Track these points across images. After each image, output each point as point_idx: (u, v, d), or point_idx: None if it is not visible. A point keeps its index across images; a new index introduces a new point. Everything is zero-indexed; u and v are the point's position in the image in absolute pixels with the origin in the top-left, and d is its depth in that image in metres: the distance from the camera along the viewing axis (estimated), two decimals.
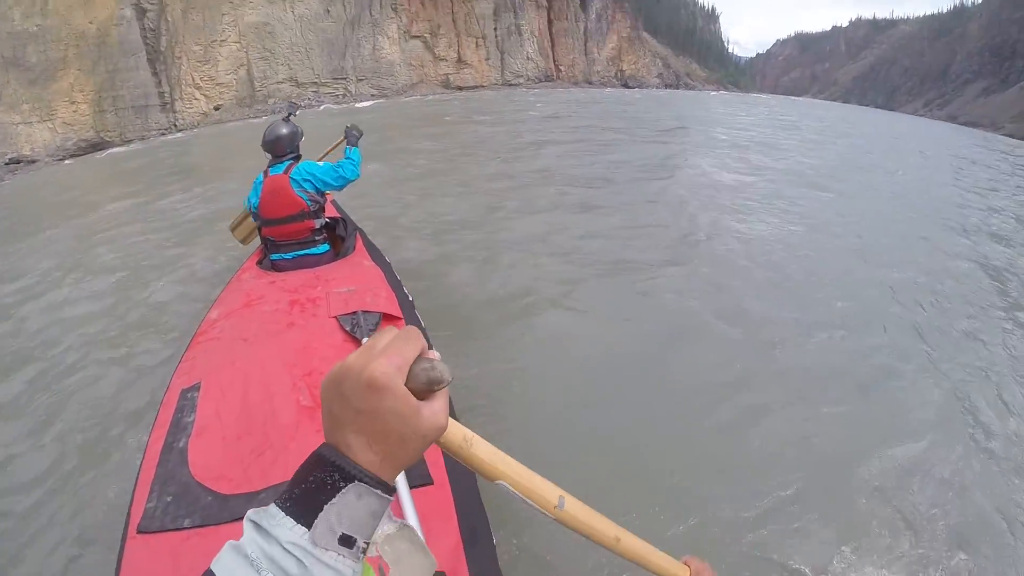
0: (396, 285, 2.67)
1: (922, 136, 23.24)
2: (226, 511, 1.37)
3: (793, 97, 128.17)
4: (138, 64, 25.53)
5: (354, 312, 2.12)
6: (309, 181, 2.98)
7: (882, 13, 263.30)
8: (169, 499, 1.42)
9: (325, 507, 0.39)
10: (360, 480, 0.40)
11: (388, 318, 2.17)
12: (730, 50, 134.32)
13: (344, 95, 33.55)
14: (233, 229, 3.67)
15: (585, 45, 62.54)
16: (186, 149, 17.32)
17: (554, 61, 55.75)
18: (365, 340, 1.66)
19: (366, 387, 0.40)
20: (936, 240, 6.06)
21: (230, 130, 22.63)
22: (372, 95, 34.66)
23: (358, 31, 36.02)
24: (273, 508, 0.40)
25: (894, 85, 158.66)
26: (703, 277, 4.57)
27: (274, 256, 3.12)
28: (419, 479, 1.37)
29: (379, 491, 0.41)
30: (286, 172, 2.97)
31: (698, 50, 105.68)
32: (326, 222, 3.19)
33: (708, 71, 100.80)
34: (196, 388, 1.82)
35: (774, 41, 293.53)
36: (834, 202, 7.51)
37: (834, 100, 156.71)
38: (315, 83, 32.66)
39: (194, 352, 2.14)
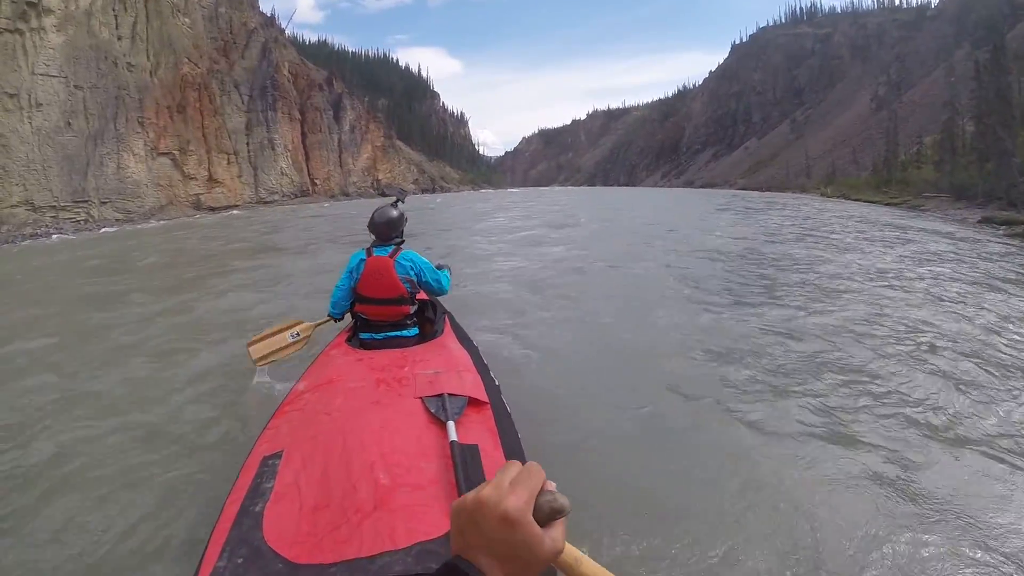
0: (483, 369, 2.86)
1: (676, 198, 39.80)
2: None
3: (540, 188, 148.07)
4: None
5: (440, 394, 2.26)
6: (413, 270, 3.34)
7: (615, 104, 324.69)
8: (240, 560, 1.54)
9: None
10: None
11: (474, 402, 2.30)
12: (480, 151, 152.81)
13: (86, 220, 33.80)
14: (250, 345, 3.76)
15: (340, 157, 69.87)
16: None
17: (309, 174, 61.25)
18: (450, 423, 2.03)
19: (500, 521, 0.52)
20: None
21: None
22: (117, 219, 35.25)
23: (101, 147, 37.16)
24: None
25: (633, 163, 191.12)
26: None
27: (364, 335, 3.40)
28: None
29: None
30: (392, 255, 3.31)
31: (451, 154, 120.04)
32: (417, 306, 3.47)
33: (462, 172, 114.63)
34: (278, 456, 1.99)
35: (520, 139, 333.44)
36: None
37: (580, 185, 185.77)
38: (53, 207, 32.71)
39: (278, 421, 2.38)
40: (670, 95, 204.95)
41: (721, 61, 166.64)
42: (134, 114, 40.56)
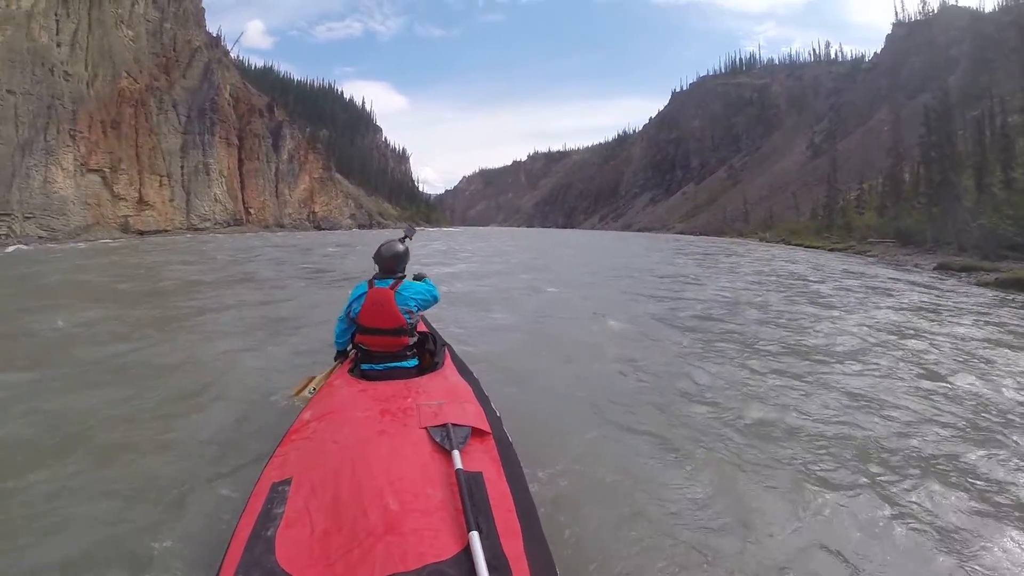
0: (484, 400, 2.99)
1: (624, 242, 39.10)
2: None
3: (478, 227, 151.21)
4: None
5: (444, 424, 2.37)
6: (414, 300, 3.51)
7: (556, 147, 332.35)
8: None
9: None
10: None
11: (477, 432, 2.42)
12: (420, 188, 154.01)
13: (7, 235, 32.81)
14: (296, 394, 4.00)
15: (277, 186, 69.54)
16: None
17: (244, 203, 60.75)
18: (455, 452, 2.14)
19: None
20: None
21: None
22: (40, 236, 34.29)
23: (29, 158, 36.33)
24: None
25: (572, 206, 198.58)
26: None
27: (364, 366, 3.54)
28: None
29: None
30: (392, 287, 3.48)
31: (390, 190, 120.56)
32: (417, 338, 3.66)
33: (400, 209, 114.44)
34: (287, 482, 2.10)
35: (460, 178, 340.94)
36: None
37: (519, 225, 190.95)
38: None
39: (286, 448, 2.49)
40: (611, 139, 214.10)
41: (662, 108, 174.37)
42: (66, 126, 39.83)
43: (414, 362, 3.61)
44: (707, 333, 7.65)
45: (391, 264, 3.60)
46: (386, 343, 3.51)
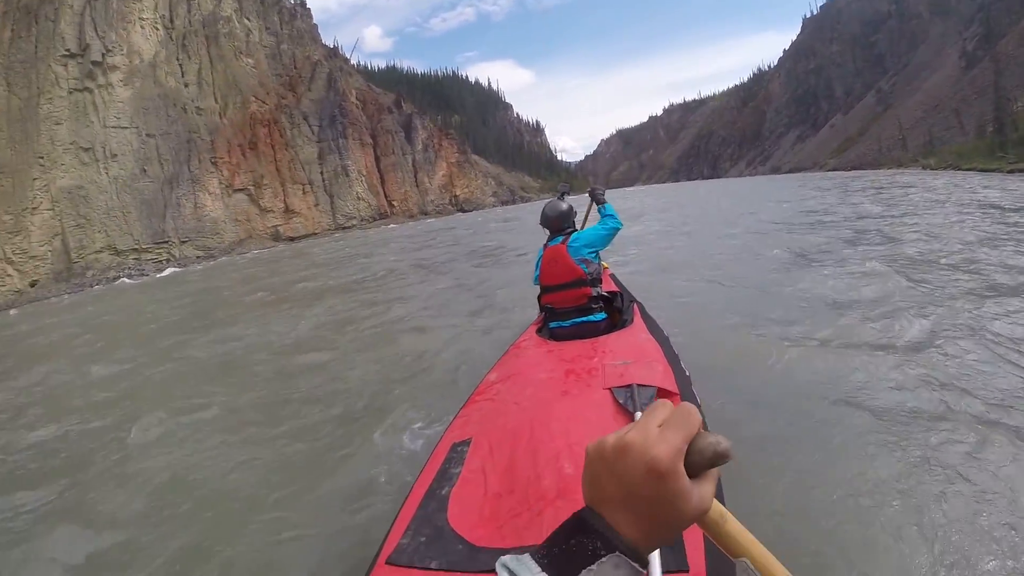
0: (673, 360, 2.91)
1: (787, 188, 34.11)
2: (474, 561, 1.59)
3: (622, 188, 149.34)
4: None
5: (629, 385, 2.33)
6: (587, 247, 3.57)
7: (691, 96, 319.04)
8: (423, 539, 1.70)
9: (583, 572, 0.44)
10: (621, 552, 0.45)
11: (663, 393, 2.36)
12: (560, 157, 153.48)
13: (168, 260, 36.04)
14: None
15: (415, 177, 70.95)
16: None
17: (386, 197, 62.69)
18: (638, 414, 1.96)
19: (645, 471, 0.45)
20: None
21: (53, 309, 21.57)
22: (198, 256, 37.40)
23: (177, 189, 39.67)
24: (529, 560, 0.47)
25: (715, 155, 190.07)
26: None
27: (552, 324, 3.62)
28: (675, 564, 1.45)
29: (636, 565, 0.45)
30: (563, 243, 3.56)
31: (528, 163, 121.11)
32: (603, 293, 3.66)
33: (541, 180, 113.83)
34: (467, 443, 2.18)
35: (598, 142, 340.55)
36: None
37: (663, 182, 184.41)
38: (135, 249, 35.12)
39: (469, 410, 2.59)
40: (746, 80, 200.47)
41: (794, 38, 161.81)
42: (206, 155, 43.18)
43: (601, 315, 3.60)
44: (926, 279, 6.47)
45: (557, 223, 3.74)
46: (568, 297, 3.57)
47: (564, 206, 3.75)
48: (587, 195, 4.22)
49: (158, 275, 31.00)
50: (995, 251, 7.83)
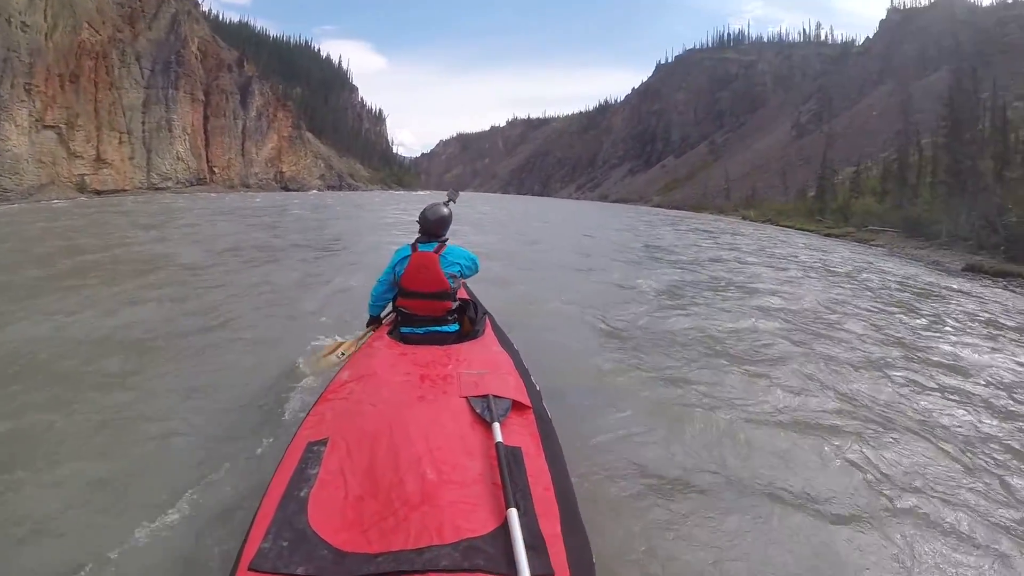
0: (524, 373, 3.01)
1: (606, 212, 39.85)
2: (341, 567, 1.58)
3: (459, 191, 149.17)
4: None
5: (485, 395, 2.41)
6: (457, 265, 3.62)
7: (536, 114, 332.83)
8: (284, 544, 1.66)
9: None
10: None
11: (517, 405, 2.44)
12: (398, 151, 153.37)
13: None
14: (324, 356, 4.16)
15: (243, 145, 69.36)
16: None
17: (208, 162, 60.82)
18: (495, 425, 2.15)
19: None
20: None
21: None
22: None
23: None
24: None
25: (548, 174, 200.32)
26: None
27: (404, 329, 3.64)
28: (541, 568, 1.56)
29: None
30: (436, 251, 3.59)
31: (363, 151, 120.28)
32: (458, 303, 3.75)
33: (373, 171, 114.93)
34: (323, 443, 2.13)
35: (438, 141, 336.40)
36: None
37: (494, 192, 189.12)
38: None
39: (323, 408, 2.53)
40: (591, 108, 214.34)
41: (645, 79, 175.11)
42: (21, 79, 39.40)
43: (455, 327, 3.70)
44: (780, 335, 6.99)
45: (435, 227, 3.70)
46: (428, 307, 3.60)
47: (445, 211, 3.75)
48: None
49: None
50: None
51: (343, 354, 3.97)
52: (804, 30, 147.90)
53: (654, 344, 6.19)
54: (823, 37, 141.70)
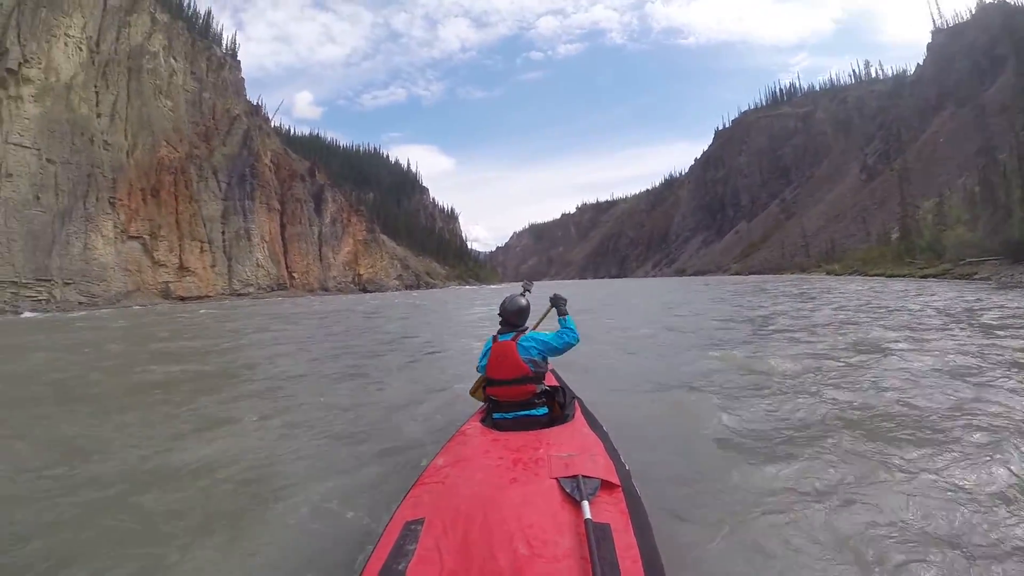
0: (614, 453, 3.10)
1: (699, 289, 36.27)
2: None
3: (536, 282, 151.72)
4: None
5: (575, 476, 2.50)
6: (536, 348, 3.75)
7: (604, 197, 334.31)
8: None
9: None
10: None
11: (606, 484, 2.54)
12: (472, 246, 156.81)
13: (47, 300, 33.71)
14: (472, 393, 4.37)
15: (320, 250, 70.50)
16: None
17: (287, 267, 61.69)
18: (585, 504, 2.25)
19: None
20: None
21: None
22: (80, 302, 35.09)
23: (69, 225, 37.47)
24: None
25: (623, 254, 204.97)
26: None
27: (496, 415, 3.79)
28: None
29: None
30: (514, 340, 3.74)
31: (438, 249, 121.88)
32: (545, 388, 3.86)
33: (448, 268, 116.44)
34: (420, 522, 2.28)
35: (511, 234, 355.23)
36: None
37: (571, 279, 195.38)
38: (14, 282, 32.63)
39: (420, 490, 2.68)
40: (657, 185, 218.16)
41: (706, 148, 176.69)
42: (106, 194, 41.21)
43: (543, 411, 3.79)
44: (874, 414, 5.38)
45: (514, 318, 3.89)
46: (513, 392, 3.74)
47: (523, 302, 3.99)
48: (549, 301, 4.36)
49: (23, 315, 29.02)
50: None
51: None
52: (854, 71, 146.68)
53: (778, 430, 5.10)
54: (874, 74, 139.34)
